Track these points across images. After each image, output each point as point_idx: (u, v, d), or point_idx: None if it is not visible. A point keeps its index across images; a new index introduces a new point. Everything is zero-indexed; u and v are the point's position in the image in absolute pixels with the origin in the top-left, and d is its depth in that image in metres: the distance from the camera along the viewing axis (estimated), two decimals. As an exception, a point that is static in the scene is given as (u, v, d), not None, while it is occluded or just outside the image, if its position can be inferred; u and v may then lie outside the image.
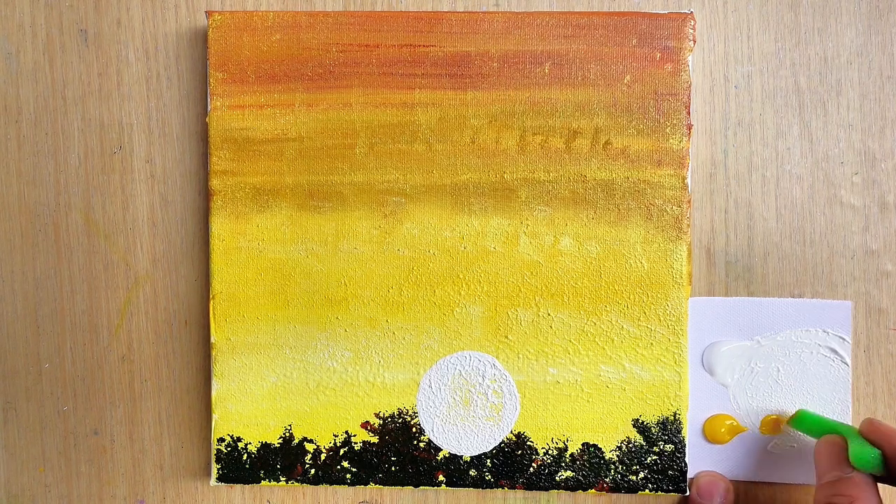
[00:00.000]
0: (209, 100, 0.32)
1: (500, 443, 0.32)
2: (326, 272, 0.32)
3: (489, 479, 0.32)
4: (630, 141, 0.31)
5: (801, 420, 0.31)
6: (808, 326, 0.32)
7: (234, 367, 0.32)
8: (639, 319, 0.32)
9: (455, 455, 0.32)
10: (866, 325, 0.33)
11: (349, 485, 0.32)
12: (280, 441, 0.32)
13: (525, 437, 0.32)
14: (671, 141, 0.31)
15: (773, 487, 0.33)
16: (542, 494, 0.33)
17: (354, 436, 0.32)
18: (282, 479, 0.32)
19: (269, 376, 0.32)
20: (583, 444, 0.32)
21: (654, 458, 0.32)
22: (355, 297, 0.32)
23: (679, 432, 0.32)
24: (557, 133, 0.32)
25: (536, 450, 0.32)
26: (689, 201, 0.31)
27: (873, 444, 0.27)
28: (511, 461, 0.32)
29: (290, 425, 0.32)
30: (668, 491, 0.32)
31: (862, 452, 0.27)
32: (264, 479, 0.32)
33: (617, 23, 0.31)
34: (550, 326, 0.32)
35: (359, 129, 0.32)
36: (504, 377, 0.32)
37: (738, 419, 0.32)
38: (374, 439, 0.32)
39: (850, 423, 0.32)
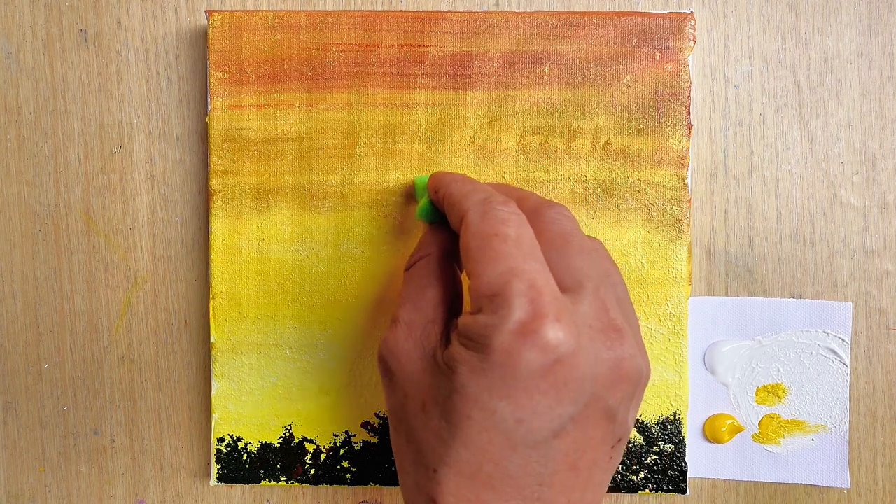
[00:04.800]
0: (209, 100, 0.32)
1: (500, 443, 0.32)
2: (326, 272, 0.32)
3: (489, 479, 0.32)
4: (630, 141, 0.31)
5: (417, 187, 0.30)
6: (809, 327, 0.32)
7: (234, 367, 0.32)
8: (639, 319, 0.32)
9: (455, 455, 0.32)
10: (866, 325, 0.33)
11: (349, 485, 0.32)
12: (280, 441, 0.32)
13: (525, 437, 0.32)
14: (671, 141, 0.31)
15: (773, 487, 0.33)
16: (542, 494, 0.33)
17: (354, 436, 0.32)
18: (282, 479, 0.32)
19: (269, 376, 0.32)
20: (583, 444, 0.32)
21: (654, 457, 0.32)
22: (355, 297, 0.32)
23: (679, 432, 0.32)
24: (557, 133, 0.32)
25: (536, 450, 0.32)
26: (689, 201, 0.31)
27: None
28: (511, 461, 0.32)
29: (290, 425, 0.32)
30: (668, 491, 0.32)
31: (419, 206, 0.28)
32: (264, 479, 0.32)
33: (617, 23, 0.31)
34: (550, 326, 0.32)
35: (359, 129, 0.32)
36: (504, 377, 0.32)
37: (738, 419, 0.32)
38: (374, 439, 0.32)
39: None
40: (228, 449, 0.32)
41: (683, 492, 0.32)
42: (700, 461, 0.33)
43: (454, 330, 0.23)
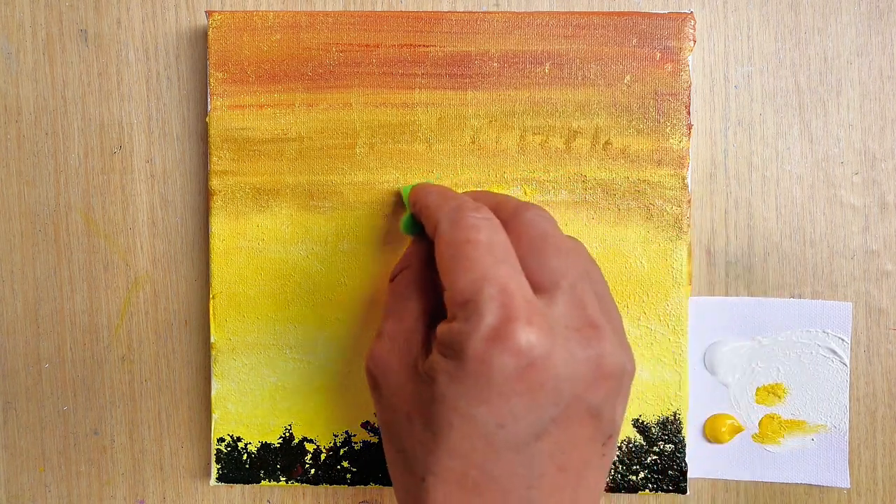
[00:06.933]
0: (209, 100, 0.32)
1: (500, 443, 0.32)
2: (326, 272, 0.32)
3: (489, 479, 0.32)
4: (630, 141, 0.31)
5: (404, 198, 0.30)
6: (809, 327, 0.32)
7: (234, 367, 0.32)
8: (639, 319, 0.32)
9: (455, 455, 0.32)
10: (866, 325, 0.33)
11: (349, 485, 0.32)
12: (280, 441, 0.32)
13: (525, 437, 0.32)
14: (671, 141, 0.31)
15: (773, 487, 0.33)
16: (542, 494, 0.33)
17: (354, 436, 0.32)
18: (282, 479, 0.32)
19: (269, 376, 0.32)
20: (583, 444, 0.32)
21: (654, 457, 0.32)
22: (355, 297, 0.32)
23: (679, 432, 0.32)
24: (557, 133, 0.32)
25: (536, 450, 0.32)
26: (689, 201, 0.31)
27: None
28: (511, 461, 0.32)
29: (290, 425, 0.32)
30: (668, 491, 0.32)
31: (402, 219, 0.28)
32: (264, 479, 0.32)
33: (617, 23, 0.31)
34: (550, 326, 0.32)
35: (359, 129, 0.32)
36: (504, 377, 0.32)
37: (738, 419, 0.32)
38: (375, 439, 0.32)
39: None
40: (228, 449, 0.32)
41: (683, 492, 0.32)
42: (700, 461, 0.33)
43: (435, 339, 0.23)
